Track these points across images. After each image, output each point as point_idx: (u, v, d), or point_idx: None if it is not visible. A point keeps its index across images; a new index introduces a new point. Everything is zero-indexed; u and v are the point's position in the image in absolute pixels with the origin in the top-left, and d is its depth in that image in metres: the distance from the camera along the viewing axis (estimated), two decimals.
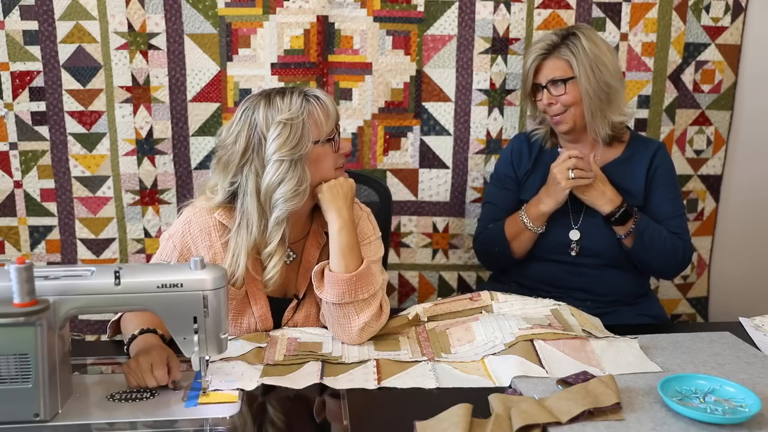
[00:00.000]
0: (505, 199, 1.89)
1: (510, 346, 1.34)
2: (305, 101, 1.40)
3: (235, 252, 1.42)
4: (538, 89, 1.79)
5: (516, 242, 1.81)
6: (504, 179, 1.91)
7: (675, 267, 1.82)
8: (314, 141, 1.40)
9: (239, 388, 1.21)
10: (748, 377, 1.24)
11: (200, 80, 2.10)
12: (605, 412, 1.08)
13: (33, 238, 2.17)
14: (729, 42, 2.20)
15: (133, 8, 2.03)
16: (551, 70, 1.75)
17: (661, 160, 1.80)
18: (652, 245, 1.71)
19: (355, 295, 1.39)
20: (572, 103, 1.74)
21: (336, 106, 1.47)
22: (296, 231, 1.51)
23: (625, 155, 1.82)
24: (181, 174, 2.16)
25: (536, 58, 1.76)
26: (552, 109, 1.76)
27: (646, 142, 1.85)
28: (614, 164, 1.80)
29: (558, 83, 1.74)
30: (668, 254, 1.74)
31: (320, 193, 1.44)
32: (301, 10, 2.06)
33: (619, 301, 1.80)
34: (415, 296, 2.29)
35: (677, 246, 1.74)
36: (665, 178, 1.79)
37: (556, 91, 1.74)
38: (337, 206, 1.43)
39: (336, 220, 1.42)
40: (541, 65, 1.76)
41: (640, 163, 1.80)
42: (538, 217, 1.76)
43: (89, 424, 1.12)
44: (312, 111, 1.40)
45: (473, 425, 1.04)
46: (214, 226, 1.46)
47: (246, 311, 1.49)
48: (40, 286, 1.08)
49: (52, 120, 2.09)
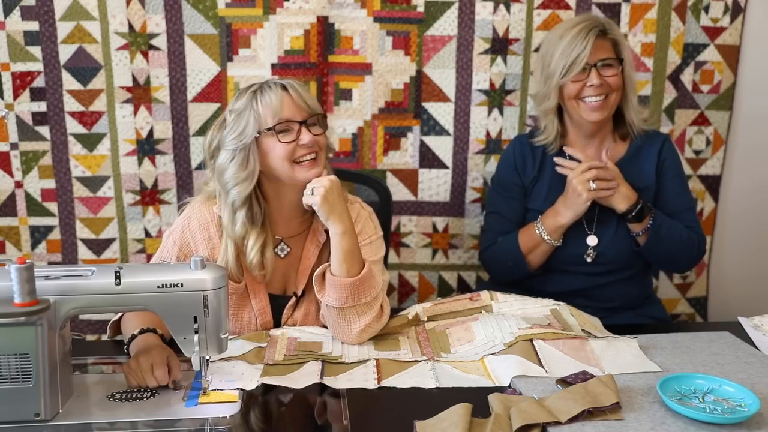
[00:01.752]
0: (512, 210, 1.82)
1: (509, 346, 1.34)
2: (258, 92, 1.42)
3: (225, 242, 1.45)
4: (582, 71, 1.65)
5: (532, 255, 1.74)
6: (509, 187, 1.83)
7: (691, 260, 1.79)
8: (258, 131, 1.41)
9: (239, 388, 1.21)
10: (747, 377, 1.24)
11: (201, 80, 2.10)
12: (604, 411, 1.09)
13: (34, 238, 2.17)
14: (728, 42, 2.20)
15: (133, 9, 2.03)
16: (604, 50, 1.66)
17: (668, 153, 1.76)
18: (669, 240, 1.68)
19: (358, 299, 1.38)
20: (617, 88, 1.67)
21: (305, 98, 1.44)
22: (292, 226, 1.52)
23: (632, 151, 1.78)
24: (181, 174, 2.16)
25: (592, 35, 1.63)
26: (596, 90, 1.65)
27: (652, 136, 1.79)
28: (622, 162, 1.75)
29: (610, 65, 1.66)
30: (684, 248, 1.71)
31: (316, 206, 1.39)
32: (301, 10, 2.06)
33: (622, 307, 1.78)
34: (414, 296, 2.30)
35: (692, 239, 1.72)
36: (674, 170, 1.76)
37: (606, 72, 1.65)
38: (338, 212, 1.40)
39: (339, 225, 1.40)
40: (594, 44, 1.64)
41: (648, 158, 1.76)
42: (555, 229, 1.70)
43: (90, 423, 1.12)
44: (260, 101, 1.41)
45: (473, 425, 1.04)
46: (213, 220, 1.49)
47: (246, 306, 1.50)
48: (41, 286, 1.08)
49: (53, 120, 2.09)
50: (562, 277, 1.77)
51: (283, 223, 1.52)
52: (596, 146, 1.78)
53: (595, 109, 1.68)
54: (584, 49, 1.63)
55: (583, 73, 1.65)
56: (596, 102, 1.67)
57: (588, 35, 1.63)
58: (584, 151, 1.76)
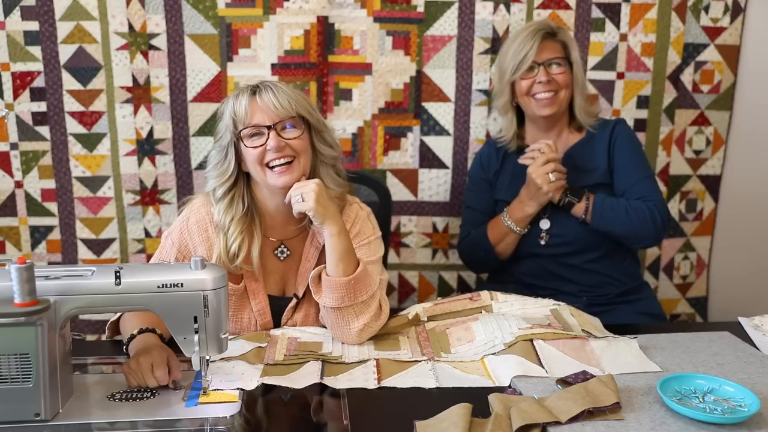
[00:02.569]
0: (481, 201, 1.95)
1: (510, 346, 1.34)
2: (234, 98, 1.46)
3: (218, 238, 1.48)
4: (531, 69, 1.79)
5: (501, 245, 1.85)
6: (478, 182, 1.97)
7: (649, 232, 1.78)
8: (233, 132, 1.45)
9: (239, 388, 1.21)
10: (747, 377, 1.24)
11: (200, 80, 2.10)
12: (605, 411, 1.08)
13: (34, 238, 2.17)
14: (728, 42, 2.20)
15: (133, 9, 2.03)
16: (552, 50, 1.80)
17: (618, 133, 1.84)
18: (613, 217, 1.75)
19: (354, 298, 1.39)
20: (565, 86, 1.80)
21: (277, 101, 1.41)
22: (290, 229, 1.53)
23: (587, 136, 1.87)
24: (181, 174, 2.16)
25: (538, 36, 1.78)
26: (545, 87, 1.77)
27: (606, 122, 1.89)
28: (577, 146, 1.86)
29: (555, 64, 1.79)
30: (635, 221, 1.75)
31: (311, 212, 1.39)
32: (301, 10, 2.06)
33: (614, 294, 1.81)
34: (414, 296, 2.30)
35: (642, 210, 1.75)
36: (625, 146, 1.84)
37: (554, 71, 1.79)
38: (330, 214, 1.41)
39: (333, 226, 1.41)
40: (541, 45, 1.79)
41: (601, 141, 1.85)
42: (522, 219, 1.80)
43: (90, 423, 1.12)
44: (233, 104, 1.44)
45: (473, 425, 1.04)
46: (211, 221, 1.49)
47: (246, 306, 1.50)
48: (41, 286, 1.08)
49: (53, 120, 2.10)
50: (531, 260, 1.86)
51: (279, 226, 1.53)
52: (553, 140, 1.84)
53: (545, 105, 1.80)
54: (531, 48, 1.77)
55: (532, 71, 1.79)
56: (545, 98, 1.79)
57: (535, 36, 1.78)
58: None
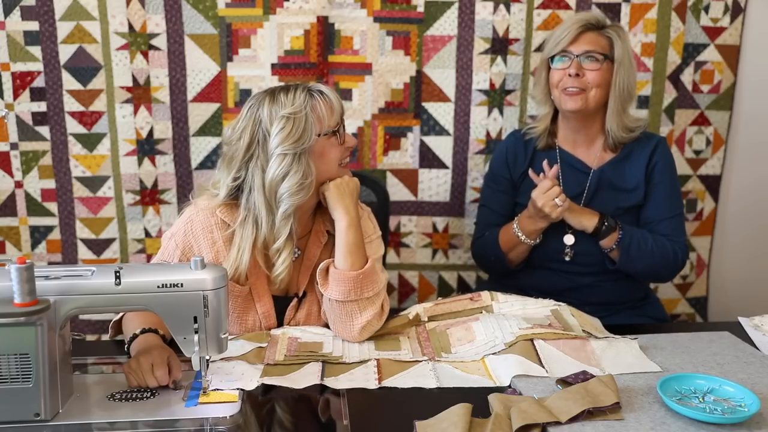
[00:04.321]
0: (500, 202, 1.85)
1: (510, 346, 1.34)
2: (309, 96, 1.41)
3: (240, 247, 1.43)
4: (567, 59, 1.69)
5: (512, 253, 1.77)
6: (499, 180, 1.86)
7: (668, 272, 1.77)
8: (317, 134, 1.41)
9: (239, 388, 1.21)
10: (747, 377, 1.24)
11: (200, 81, 2.10)
12: (605, 411, 1.09)
13: (34, 238, 2.17)
14: (728, 42, 2.20)
15: (133, 9, 2.03)
16: (591, 43, 1.68)
17: (660, 156, 1.74)
18: (639, 257, 1.67)
19: (360, 293, 1.39)
20: (598, 85, 1.68)
21: (340, 100, 1.48)
22: (300, 228, 1.51)
23: (624, 153, 1.77)
24: (181, 174, 2.16)
25: (580, 27, 1.69)
26: (574, 81, 1.67)
27: (647, 137, 1.78)
28: (612, 163, 1.76)
29: (593, 58, 1.67)
30: (658, 261, 1.69)
31: (327, 191, 1.44)
32: (301, 10, 2.06)
33: (617, 306, 1.78)
34: (414, 296, 2.30)
35: (667, 250, 1.69)
36: (664, 174, 1.73)
37: (587, 65, 1.68)
38: (345, 204, 1.44)
39: (344, 218, 1.43)
40: (581, 35, 1.69)
41: (639, 159, 1.75)
42: (533, 232, 1.72)
43: (90, 423, 1.12)
44: (315, 105, 1.41)
45: (473, 425, 1.04)
46: (216, 224, 1.46)
47: (251, 308, 1.49)
48: (41, 286, 1.08)
49: (53, 120, 2.10)
50: (546, 273, 1.78)
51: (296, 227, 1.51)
52: (585, 145, 1.79)
53: (570, 96, 1.69)
54: (567, 35, 1.68)
55: (568, 62, 1.69)
56: (572, 91, 1.69)
57: (578, 27, 1.69)
58: (574, 150, 1.80)
